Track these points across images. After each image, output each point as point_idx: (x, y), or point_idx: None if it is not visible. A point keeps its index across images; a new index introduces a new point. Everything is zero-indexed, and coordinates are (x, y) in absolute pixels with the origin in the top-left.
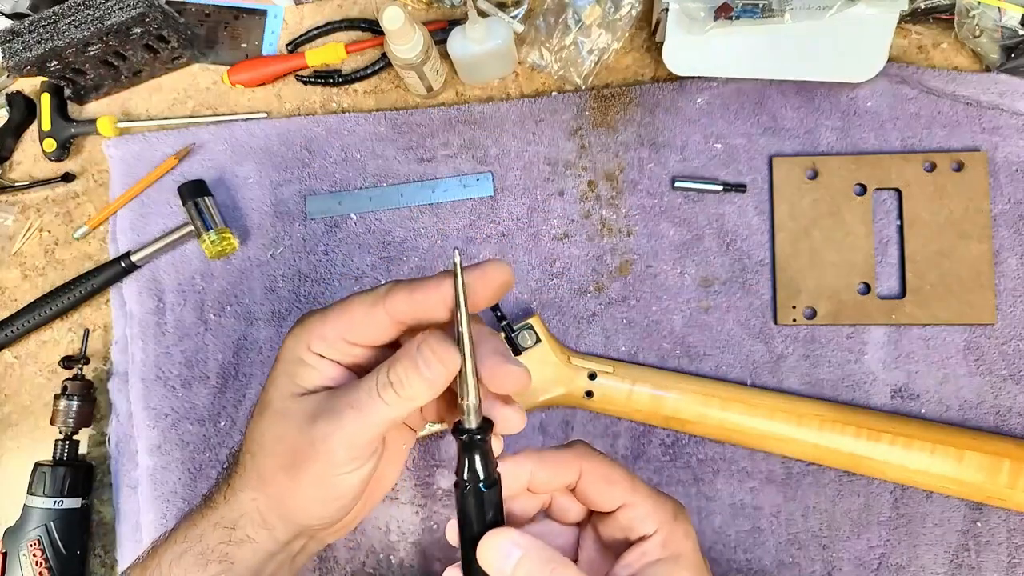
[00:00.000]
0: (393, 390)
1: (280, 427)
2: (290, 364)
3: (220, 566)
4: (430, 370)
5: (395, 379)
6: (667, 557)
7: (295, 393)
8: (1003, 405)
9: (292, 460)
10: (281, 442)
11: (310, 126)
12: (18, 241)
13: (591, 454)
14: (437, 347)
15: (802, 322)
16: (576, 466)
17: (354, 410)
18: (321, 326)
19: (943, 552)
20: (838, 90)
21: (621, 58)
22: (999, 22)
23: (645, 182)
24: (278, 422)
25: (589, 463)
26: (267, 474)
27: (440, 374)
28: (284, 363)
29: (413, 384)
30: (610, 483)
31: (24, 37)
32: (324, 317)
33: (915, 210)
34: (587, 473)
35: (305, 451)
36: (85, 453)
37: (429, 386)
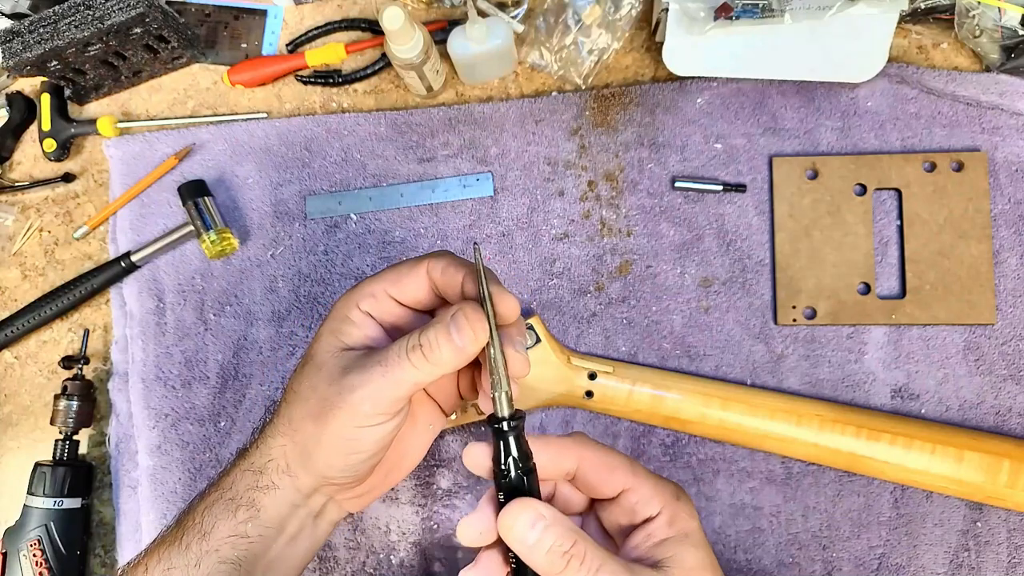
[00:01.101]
0: (422, 352)
1: (315, 377)
2: (336, 322)
3: (248, 512)
4: (460, 336)
5: (425, 342)
6: (675, 536)
7: (337, 348)
8: (1003, 405)
9: (320, 409)
10: (314, 391)
11: (310, 126)
12: (18, 241)
13: (589, 442)
14: (471, 315)
15: (802, 322)
16: (574, 454)
17: (382, 367)
18: (371, 284)
19: (943, 552)
20: (838, 90)
21: (621, 58)
22: (999, 22)
23: (645, 182)
24: (314, 373)
25: (587, 451)
26: (296, 420)
27: (470, 341)
28: (331, 321)
29: (442, 348)
30: (610, 469)
31: (24, 37)
32: (376, 277)
33: (915, 210)
34: (586, 461)
35: (333, 400)
36: (85, 453)
37: (457, 352)
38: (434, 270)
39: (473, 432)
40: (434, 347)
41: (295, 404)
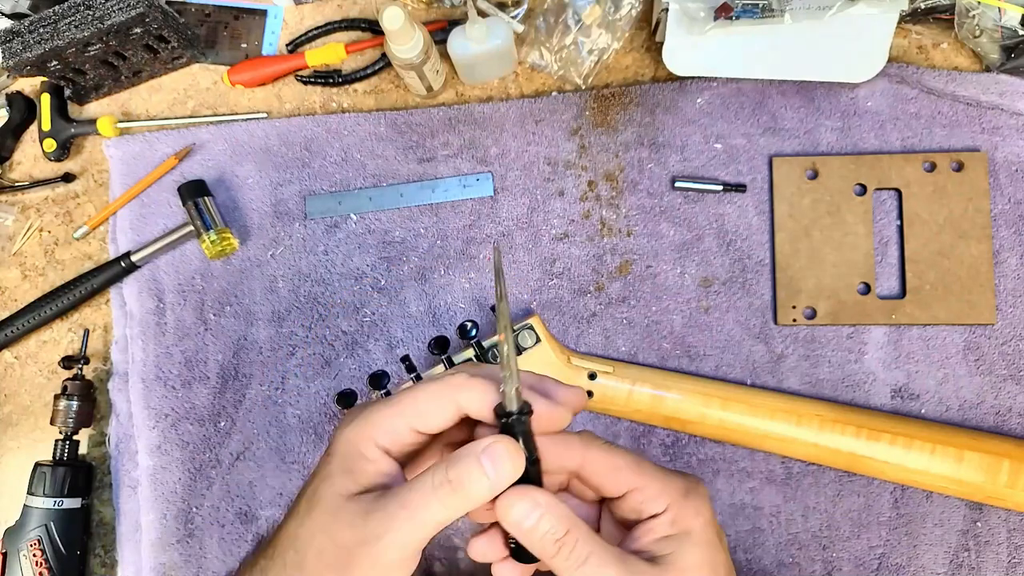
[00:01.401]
0: (451, 489)
1: (333, 527)
2: (350, 459)
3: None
4: (497, 471)
5: (456, 478)
6: (676, 534)
7: (352, 492)
8: (1003, 405)
9: (341, 560)
10: (331, 540)
11: (310, 126)
12: (18, 241)
13: (595, 442)
14: (509, 448)
15: (802, 322)
16: (578, 454)
17: (407, 511)
18: (391, 417)
19: (943, 552)
20: (838, 90)
21: (621, 58)
22: (999, 22)
23: (645, 182)
24: (328, 520)
25: (592, 451)
26: (309, 572)
27: (506, 476)
28: (342, 458)
29: (475, 484)
30: (615, 470)
31: (24, 37)
32: (395, 407)
33: (915, 210)
34: (590, 462)
35: (355, 552)
36: (85, 453)
37: (492, 489)
38: (470, 403)
39: None
40: (465, 484)
41: (311, 556)
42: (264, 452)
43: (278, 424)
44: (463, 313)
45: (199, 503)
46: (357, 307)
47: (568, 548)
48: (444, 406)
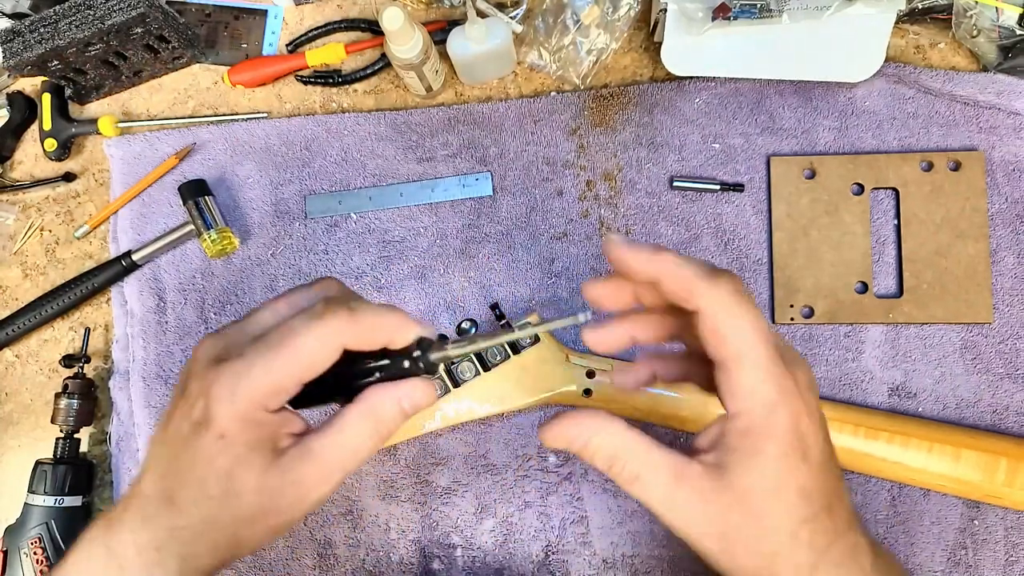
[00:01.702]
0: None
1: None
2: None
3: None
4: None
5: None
6: (743, 449)
7: (264, 468)
8: (1000, 403)
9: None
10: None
11: (310, 126)
12: (19, 240)
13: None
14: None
15: (800, 321)
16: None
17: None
18: (278, 381)
19: (940, 550)
20: (836, 90)
21: (619, 58)
22: (996, 22)
23: (643, 182)
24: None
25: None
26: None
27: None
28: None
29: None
30: (722, 339)
31: (25, 37)
32: (275, 369)
33: (912, 209)
34: (706, 315)
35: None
36: (86, 451)
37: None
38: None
39: (469, 430)
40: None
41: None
42: None
43: None
44: (462, 312)
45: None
46: None
47: (618, 468)
48: (327, 353)
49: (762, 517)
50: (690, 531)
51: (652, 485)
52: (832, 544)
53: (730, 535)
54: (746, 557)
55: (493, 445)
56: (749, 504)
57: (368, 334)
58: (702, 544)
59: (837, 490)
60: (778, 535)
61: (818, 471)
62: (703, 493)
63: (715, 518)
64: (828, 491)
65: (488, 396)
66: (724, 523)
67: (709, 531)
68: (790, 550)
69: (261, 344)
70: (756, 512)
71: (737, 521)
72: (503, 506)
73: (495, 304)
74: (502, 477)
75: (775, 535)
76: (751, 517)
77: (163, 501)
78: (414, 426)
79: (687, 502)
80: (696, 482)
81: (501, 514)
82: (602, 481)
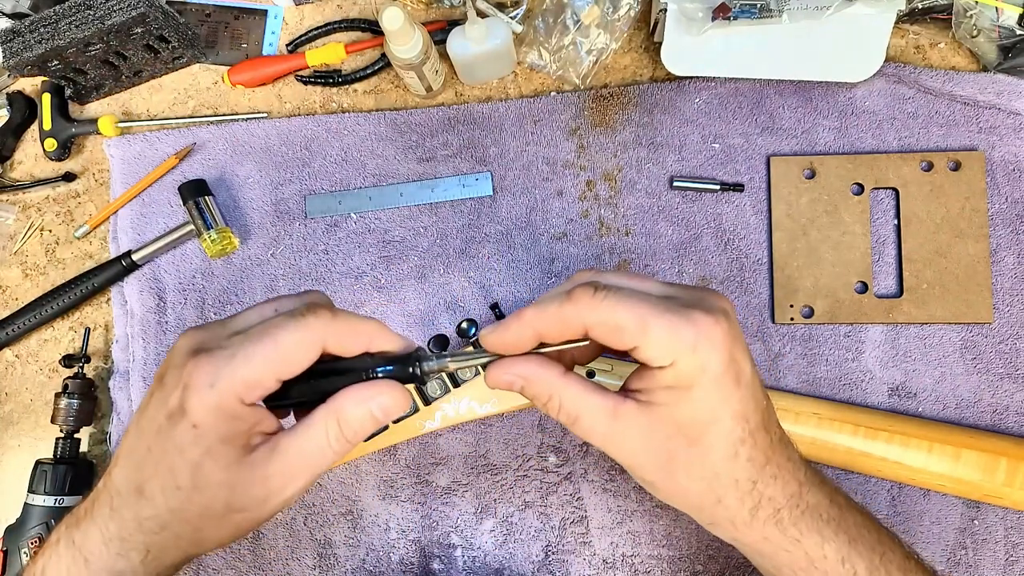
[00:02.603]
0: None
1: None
2: (225, 429)
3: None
4: (387, 418)
5: (351, 432)
6: (677, 386)
7: (233, 459)
8: (1000, 403)
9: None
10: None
11: (310, 126)
12: (19, 240)
13: (595, 305)
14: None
15: (800, 321)
16: (578, 323)
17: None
18: (256, 375)
19: (940, 550)
20: (836, 90)
21: (619, 58)
22: (996, 22)
23: (643, 182)
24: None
25: (593, 315)
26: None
27: (395, 417)
28: (214, 430)
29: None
30: (618, 331)
31: (25, 37)
32: (255, 363)
33: (912, 209)
34: (593, 327)
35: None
36: (86, 451)
37: (379, 426)
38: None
39: (469, 430)
40: (360, 433)
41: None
42: None
43: None
44: (462, 312)
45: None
46: (357, 306)
47: (554, 410)
48: (307, 352)
49: (701, 443)
50: (633, 462)
51: (592, 424)
52: (769, 460)
53: (671, 463)
54: (688, 481)
55: (493, 445)
56: (688, 433)
57: (347, 337)
58: (644, 473)
59: (768, 408)
60: (718, 457)
61: (750, 392)
62: (641, 428)
63: (655, 449)
64: (761, 410)
65: (488, 396)
66: (664, 453)
67: (650, 461)
68: (730, 470)
69: (242, 337)
70: (695, 439)
71: (676, 449)
72: (503, 506)
73: (495, 304)
74: (502, 477)
75: (715, 457)
76: (690, 444)
77: (132, 491)
78: (414, 426)
79: (626, 436)
80: (633, 418)
81: (501, 514)
82: (602, 481)
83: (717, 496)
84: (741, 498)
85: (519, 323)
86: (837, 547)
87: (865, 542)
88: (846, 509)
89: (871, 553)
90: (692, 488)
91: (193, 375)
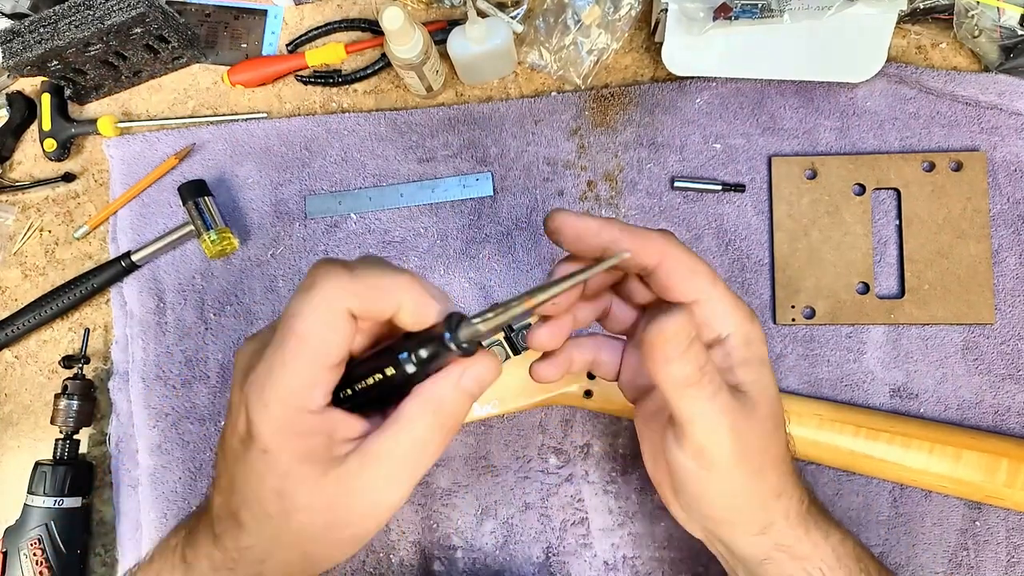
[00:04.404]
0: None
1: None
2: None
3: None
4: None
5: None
6: (752, 358)
7: (317, 477)
8: (1001, 404)
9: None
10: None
11: (310, 126)
12: (18, 241)
13: (675, 242)
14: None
15: (801, 322)
16: (659, 248)
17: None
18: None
19: (942, 551)
20: (837, 90)
21: (620, 58)
22: (998, 22)
23: (644, 182)
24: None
25: (672, 248)
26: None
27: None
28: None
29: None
30: (692, 273)
31: (24, 37)
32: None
33: (914, 210)
34: (669, 258)
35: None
36: (85, 452)
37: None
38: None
39: (470, 431)
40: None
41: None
42: None
43: None
44: None
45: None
46: None
47: (708, 378)
48: (336, 326)
49: (782, 428)
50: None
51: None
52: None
53: (765, 450)
54: (771, 470)
55: (493, 446)
56: (776, 420)
57: (372, 294)
58: (738, 471)
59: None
60: (783, 437)
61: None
62: (742, 417)
63: (752, 447)
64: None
65: (488, 397)
66: (758, 439)
67: (748, 454)
68: (788, 453)
69: (275, 340)
70: (780, 424)
71: (767, 430)
72: (504, 508)
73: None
74: (503, 479)
75: (782, 437)
76: (775, 429)
77: (230, 518)
78: None
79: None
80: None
81: (502, 516)
82: (603, 483)
83: (782, 485)
84: (795, 486)
85: (600, 222)
86: (854, 544)
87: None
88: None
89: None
90: (770, 480)
91: (249, 396)
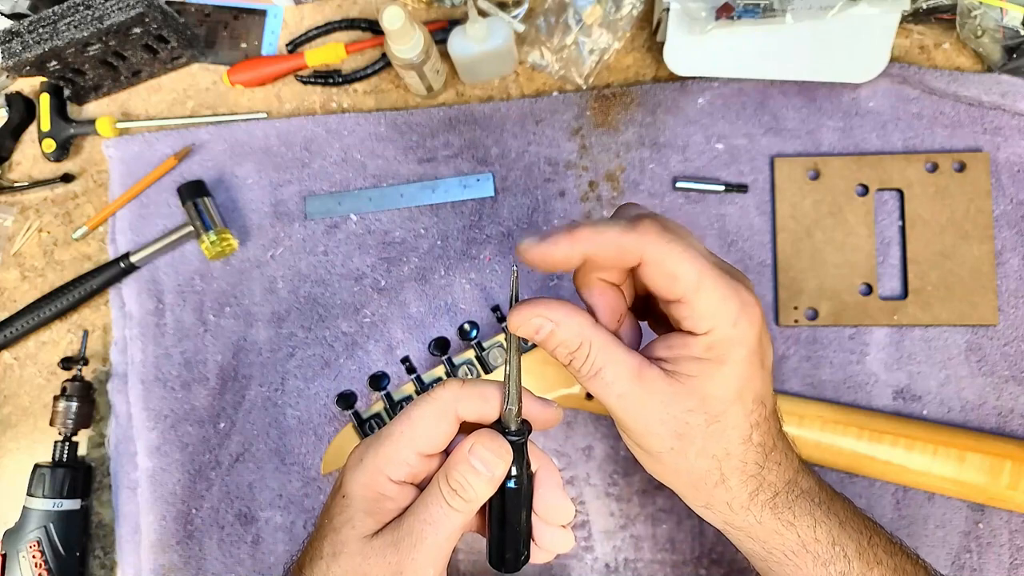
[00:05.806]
0: (459, 496)
1: (364, 567)
2: (369, 502)
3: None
4: (489, 469)
5: (457, 485)
6: (710, 359)
7: (375, 531)
8: (1005, 406)
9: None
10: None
11: (310, 126)
12: (17, 242)
13: (656, 238)
14: (491, 444)
15: (804, 323)
16: (636, 255)
17: (432, 526)
18: (396, 450)
19: (945, 553)
20: (840, 90)
21: (622, 58)
22: (1001, 22)
23: (646, 182)
24: (360, 564)
25: (656, 251)
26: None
27: (499, 469)
28: (361, 501)
29: (476, 486)
30: (673, 279)
31: (23, 37)
32: (395, 440)
33: (917, 211)
34: (650, 264)
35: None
36: (84, 454)
37: (490, 483)
38: (467, 412)
39: None
40: (467, 488)
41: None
42: (263, 453)
43: (277, 425)
44: (463, 314)
45: (198, 504)
46: (357, 308)
47: (579, 360)
48: (441, 423)
49: (721, 421)
50: (643, 429)
51: (612, 381)
52: (775, 447)
53: (684, 438)
54: (697, 458)
55: None
56: (709, 409)
57: (475, 403)
58: (651, 443)
59: (775, 396)
60: (733, 437)
61: (769, 377)
62: (662, 396)
63: (671, 421)
64: (772, 396)
65: None
66: (680, 426)
67: (663, 431)
68: (742, 451)
69: (391, 421)
70: (715, 416)
71: (694, 424)
72: None
73: (497, 307)
74: None
75: (731, 436)
76: (709, 421)
77: (326, 558)
78: None
79: (644, 402)
80: (656, 384)
81: None
82: (605, 485)
83: (722, 476)
84: (744, 481)
85: (570, 238)
86: (828, 529)
87: (853, 525)
88: (834, 496)
89: (859, 536)
90: (698, 466)
91: (351, 457)
